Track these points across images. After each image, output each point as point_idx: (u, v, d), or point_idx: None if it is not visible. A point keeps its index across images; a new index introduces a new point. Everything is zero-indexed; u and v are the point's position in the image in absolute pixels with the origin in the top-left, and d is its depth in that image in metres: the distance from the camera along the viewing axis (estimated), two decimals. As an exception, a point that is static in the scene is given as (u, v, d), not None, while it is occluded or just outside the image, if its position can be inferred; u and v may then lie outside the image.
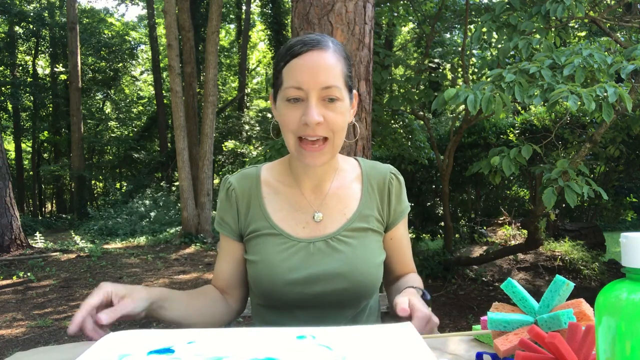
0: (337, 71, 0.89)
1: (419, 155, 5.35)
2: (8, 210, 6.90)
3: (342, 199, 1.02)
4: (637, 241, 0.43)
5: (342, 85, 0.90)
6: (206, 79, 8.83)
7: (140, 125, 19.60)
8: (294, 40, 0.91)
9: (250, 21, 17.64)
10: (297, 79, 0.88)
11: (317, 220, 1.00)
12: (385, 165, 1.09)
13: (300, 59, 0.88)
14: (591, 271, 5.06)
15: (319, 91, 0.87)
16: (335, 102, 0.89)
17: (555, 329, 0.64)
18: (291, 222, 1.00)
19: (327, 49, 0.90)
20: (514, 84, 2.64)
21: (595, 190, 2.90)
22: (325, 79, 0.87)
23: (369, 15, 2.66)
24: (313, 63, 0.88)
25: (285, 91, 0.90)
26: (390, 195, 1.05)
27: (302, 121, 0.88)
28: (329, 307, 0.97)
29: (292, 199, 1.01)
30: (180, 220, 9.96)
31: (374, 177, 1.06)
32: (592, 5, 3.80)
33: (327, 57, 0.89)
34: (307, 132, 0.88)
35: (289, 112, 0.89)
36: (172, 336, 0.72)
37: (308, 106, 0.87)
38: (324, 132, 0.89)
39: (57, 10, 17.86)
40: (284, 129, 0.92)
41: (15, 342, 3.47)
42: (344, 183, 1.04)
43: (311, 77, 0.87)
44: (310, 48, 0.89)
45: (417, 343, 0.66)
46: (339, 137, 0.92)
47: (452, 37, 9.46)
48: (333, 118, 0.89)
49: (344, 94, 0.91)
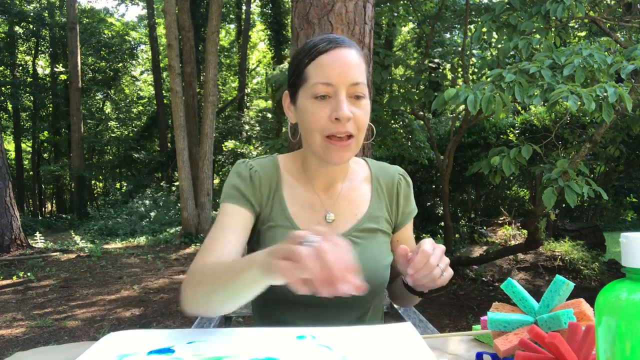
0: (362, 69, 0.91)
1: (419, 155, 5.35)
2: (8, 210, 6.90)
3: (352, 200, 1.03)
4: (637, 241, 0.43)
5: (365, 83, 0.91)
6: (206, 79, 8.84)
7: (140, 125, 19.60)
8: (317, 39, 0.92)
9: (250, 21, 17.64)
10: (326, 75, 0.87)
11: (329, 221, 1.00)
12: (393, 166, 1.10)
13: (328, 55, 0.88)
14: (591, 271, 5.06)
15: (348, 87, 0.88)
16: (361, 100, 0.90)
17: (555, 329, 0.64)
18: (306, 220, 0.99)
19: (351, 47, 0.91)
20: (514, 84, 2.64)
21: (595, 190, 2.90)
22: (354, 75, 0.88)
23: (369, 15, 2.66)
24: (342, 59, 0.88)
25: (312, 88, 0.89)
26: (398, 197, 1.06)
27: (332, 117, 0.87)
28: (336, 306, 0.97)
29: (306, 196, 1.01)
30: (180, 220, 9.96)
31: (382, 178, 1.06)
32: (592, 5, 3.80)
33: (352, 54, 0.90)
34: (337, 128, 0.87)
35: (316, 110, 0.88)
36: (172, 336, 0.72)
37: (339, 101, 0.87)
38: (352, 129, 0.88)
39: (57, 10, 17.86)
40: (309, 128, 0.90)
41: (15, 342, 3.47)
42: (354, 184, 1.04)
43: (340, 72, 0.87)
44: (336, 45, 0.90)
45: (417, 343, 0.66)
46: (362, 135, 0.92)
47: (452, 37, 9.46)
48: (360, 115, 0.89)
49: (367, 91, 0.92)
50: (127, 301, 4.65)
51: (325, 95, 0.88)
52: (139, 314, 4.20)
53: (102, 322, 3.97)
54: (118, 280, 5.62)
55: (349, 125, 0.88)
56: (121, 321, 3.99)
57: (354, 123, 0.88)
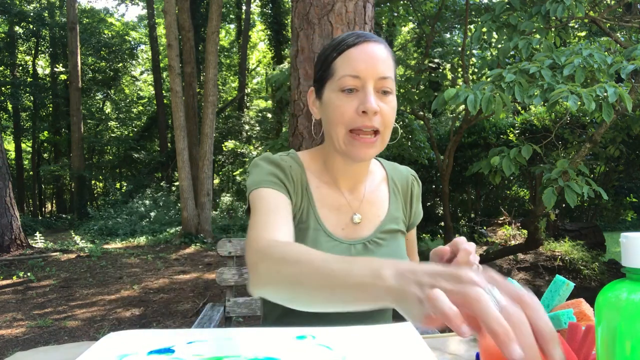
0: (390, 64, 0.90)
1: (419, 155, 5.35)
2: (8, 210, 6.90)
3: (375, 201, 1.02)
4: (637, 241, 0.43)
5: (393, 78, 0.90)
6: (206, 79, 8.84)
7: (140, 125, 19.59)
8: (345, 35, 0.91)
9: (250, 21, 17.64)
10: (354, 67, 0.86)
11: (356, 222, 0.99)
12: (404, 167, 1.11)
13: (356, 48, 0.88)
14: (591, 271, 5.06)
15: (375, 81, 0.87)
16: (389, 95, 0.89)
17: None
18: (333, 220, 0.98)
19: (380, 43, 0.91)
20: (514, 84, 2.64)
21: (595, 190, 2.90)
22: (383, 69, 0.87)
23: (369, 15, 2.66)
24: (371, 52, 0.87)
25: (339, 81, 0.88)
26: (412, 197, 1.07)
27: (359, 110, 0.85)
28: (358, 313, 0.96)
29: (332, 197, 0.99)
30: (180, 220, 9.96)
31: (397, 179, 1.07)
32: (592, 5, 3.80)
33: (381, 49, 0.89)
34: (363, 122, 0.86)
35: (342, 103, 0.87)
36: (172, 336, 0.72)
37: (366, 94, 0.86)
38: (378, 124, 0.87)
39: (57, 10, 17.86)
40: (333, 122, 0.89)
41: (15, 342, 3.47)
42: (374, 185, 1.04)
43: (369, 65, 0.86)
44: (365, 39, 0.89)
45: (417, 343, 0.66)
46: (388, 132, 0.91)
47: (452, 37, 9.46)
48: (387, 111, 0.88)
49: (394, 87, 0.91)
50: (127, 301, 4.65)
51: (352, 88, 0.87)
52: (139, 314, 4.20)
53: (102, 322, 3.97)
54: (118, 280, 5.63)
55: (375, 119, 0.86)
56: (121, 321, 3.99)
57: (380, 118, 0.87)
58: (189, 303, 4.55)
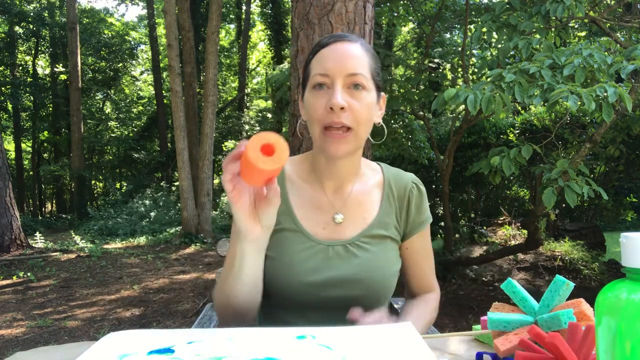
0: (363, 61, 0.91)
1: (419, 155, 5.35)
2: (8, 210, 6.90)
3: (362, 203, 1.01)
4: (637, 241, 0.43)
5: (368, 76, 0.91)
6: (206, 79, 8.84)
7: (140, 125, 19.60)
8: (324, 37, 0.96)
9: (250, 21, 17.64)
10: (323, 66, 0.90)
11: (338, 222, 0.98)
12: (408, 174, 1.09)
13: (327, 48, 0.92)
14: (591, 271, 5.06)
15: (344, 78, 0.88)
16: (361, 91, 0.90)
17: (555, 329, 0.64)
18: (312, 221, 0.98)
19: (354, 42, 0.93)
20: (514, 84, 2.64)
21: (595, 190, 2.90)
22: (351, 66, 0.89)
23: (369, 15, 2.66)
24: (341, 50, 0.90)
25: (311, 80, 0.91)
26: (409, 205, 1.04)
27: (327, 107, 0.87)
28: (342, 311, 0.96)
29: (313, 197, 1.00)
30: (180, 220, 9.96)
31: (395, 185, 1.05)
32: (592, 5, 3.80)
33: (354, 47, 0.92)
34: (332, 119, 0.87)
35: (314, 100, 0.90)
36: (172, 336, 0.72)
37: (333, 90, 0.88)
38: (349, 120, 0.88)
39: (57, 10, 17.86)
40: (310, 120, 0.92)
41: (15, 342, 3.47)
42: (365, 188, 1.03)
43: (337, 63, 0.89)
44: (337, 39, 0.92)
45: (417, 343, 0.66)
46: (363, 129, 0.91)
47: (452, 37, 9.45)
48: (358, 107, 0.89)
49: (371, 85, 0.92)
50: (127, 301, 4.65)
51: (322, 84, 0.89)
52: (139, 314, 4.20)
53: (102, 322, 3.97)
54: (118, 280, 5.63)
55: (344, 116, 0.87)
56: (121, 321, 3.99)
57: (350, 114, 0.88)
58: (189, 303, 4.55)
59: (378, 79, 0.96)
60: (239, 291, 0.85)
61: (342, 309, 0.96)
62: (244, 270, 0.82)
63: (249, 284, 0.85)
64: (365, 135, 0.93)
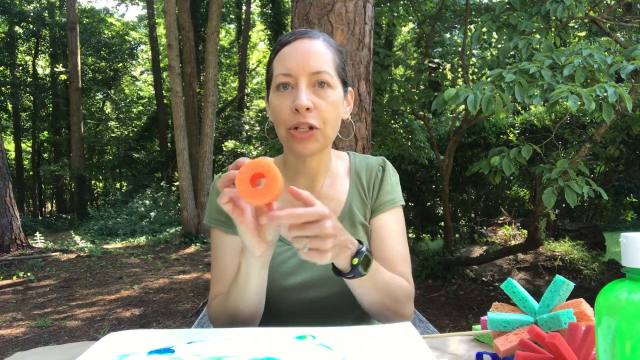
0: (327, 58, 0.88)
1: (419, 155, 5.34)
2: (8, 210, 6.90)
3: (333, 196, 1.00)
4: (637, 241, 0.42)
5: (333, 73, 0.88)
6: (206, 79, 8.84)
7: (140, 125, 19.60)
8: (285, 34, 0.92)
9: (250, 21, 17.64)
10: (285, 65, 0.86)
11: None
12: (378, 157, 1.07)
13: (289, 46, 0.88)
14: (591, 271, 5.06)
15: (308, 76, 0.86)
16: (326, 89, 0.87)
17: (555, 329, 0.64)
18: None
19: (316, 38, 0.90)
20: (514, 84, 2.64)
21: (595, 190, 2.90)
22: (315, 64, 0.86)
23: (369, 15, 2.66)
24: (303, 48, 0.87)
25: (274, 80, 0.88)
26: (374, 186, 1.02)
27: (292, 108, 0.85)
28: (329, 312, 0.95)
29: (284, 198, 0.96)
30: (180, 220, 9.96)
31: (362, 170, 1.03)
32: (592, 5, 3.80)
33: (316, 44, 0.88)
34: (298, 120, 0.85)
35: (279, 102, 0.87)
36: (172, 336, 0.72)
37: (297, 91, 0.85)
38: (315, 120, 0.85)
39: (57, 10, 17.86)
40: (276, 122, 0.89)
41: (15, 342, 3.47)
42: (335, 180, 1.02)
43: (299, 62, 0.85)
44: (298, 36, 0.89)
45: (417, 343, 0.66)
46: (331, 128, 0.89)
47: (452, 37, 9.46)
48: (324, 106, 0.86)
49: (336, 82, 0.89)
50: (127, 301, 4.65)
51: (286, 84, 0.86)
52: (139, 314, 4.20)
53: (102, 322, 3.97)
54: (118, 280, 5.63)
55: (310, 116, 0.85)
56: (121, 321, 3.99)
57: (316, 114, 0.86)
58: (189, 303, 4.55)
59: (343, 75, 0.93)
60: (245, 307, 0.83)
61: (329, 309, 0.95)
62: (249, 285, 0.81)
63: (254, 298, 0.83)
64: (334, 133, 0.91)
